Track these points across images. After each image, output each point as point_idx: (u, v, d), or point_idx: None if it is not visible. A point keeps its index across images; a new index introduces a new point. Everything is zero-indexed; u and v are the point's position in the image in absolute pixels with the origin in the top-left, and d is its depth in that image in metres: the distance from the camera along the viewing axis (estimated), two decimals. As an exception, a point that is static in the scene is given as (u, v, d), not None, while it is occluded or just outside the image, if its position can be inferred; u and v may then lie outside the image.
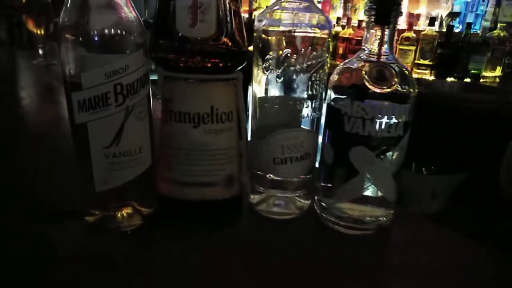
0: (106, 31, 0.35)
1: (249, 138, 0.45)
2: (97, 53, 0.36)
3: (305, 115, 0.43)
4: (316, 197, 0.46)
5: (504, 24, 1.96)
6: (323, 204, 0.45)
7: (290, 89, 0.42)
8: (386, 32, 0.39)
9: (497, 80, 1.98)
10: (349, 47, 2.26)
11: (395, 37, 0.40)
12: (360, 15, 2.36)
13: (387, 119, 0.38)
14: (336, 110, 0.40)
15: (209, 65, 0.39)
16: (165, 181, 0.43)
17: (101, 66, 0.35)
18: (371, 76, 0.38)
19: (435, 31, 2.03)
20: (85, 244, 0.40)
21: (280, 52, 0.40)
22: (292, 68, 0.40)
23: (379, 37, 0.39)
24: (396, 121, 0.38)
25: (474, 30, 2.07)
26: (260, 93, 0.43)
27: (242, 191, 0.46)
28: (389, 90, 0.38)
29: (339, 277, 0.37)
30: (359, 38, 2.21)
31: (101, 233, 0.41)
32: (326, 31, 0.41)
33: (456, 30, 2.06)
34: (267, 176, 0.45)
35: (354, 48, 2.20)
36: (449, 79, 1.95)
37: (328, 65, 0.43)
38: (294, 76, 0.41)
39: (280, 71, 0.41)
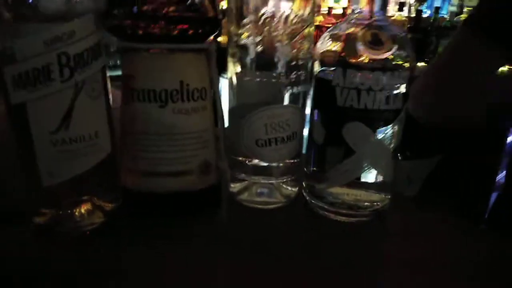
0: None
1: (226, 119, 0.39)
2: (35, 17, 0.29)
3: (290, 90, 0.37)
4: (304, 183, 0.41)
5: (471, 8, 1.98)
6: (313, 189, 0.40)
7: (271, 60, 0.35)
8: (379, -11, 0.34)
9: (465, 63, 1.99)
10: (320, 35, 2.22)
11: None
12: (330, 2, 2.33)
13: (385, 89, 0.33)
14: (326, 82, 0.35)
15: (175, 32, 0.33)
16: (130, 172, 0.37)
17: (39, 32, 0.28)
18: (365, 40, 0.33)
19: (404, 16, 2.03)
20: (34, 251, 0.33)
21: (259, 14, 0.34)
22: (274, 33, 0.34)
23: (370, -5, 0.34)
24: (395, 91, 0.34)
25: (442, 14, 2.08)
26: (237, 66, 0.37)
27: (220, 179, 0.40)
28: (386, 55, 0.33)
29: (332, 271, 0.32)
30: (330, 25, 2.18)
31: (55, 236, 0.34)
32: None
33: (425, 15, 2.06)
34: (249, 161, 0.39)
35: (325, 35, 2.16)
36: (419, 64, 1.95)
37: (313, 31, 0.37)
38: (277, 44, 0.35)
39: (260, 37, 0.34)
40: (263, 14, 0.34)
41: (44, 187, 0.32)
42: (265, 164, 0.39)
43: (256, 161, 0.39)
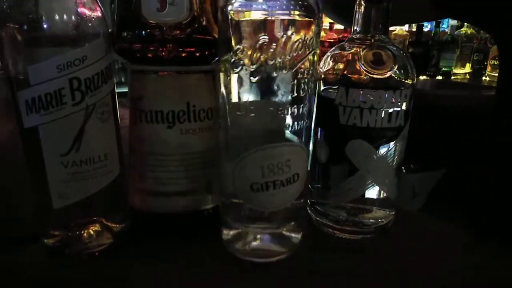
0: (57, 16, 0.30)
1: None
2: (47, 43, 0.30)
3: (291, 125, 0.32)
4: (309, 200, 0.42)
5: (471, 21, 2.01)
6: (317, 207, 0.40)
7: (269, 91, 0.31)
8: (378, 11, 0.35)
9: (467, 76, 2.01)
10: (322, 50, 2.24)
11: (389, 18, 0.36)
12: (331, 17, 2.36)
13: (387, 107, 0.34)
14: (329, 101, 0.36)
15: (183, 54, 0.34)
16: (138, 192, 0.38)
17: (52, 57, 0.29)
18: (367, 60, 0.34)
19: (406, 31, 2.05)
20: (45, 272, 0.34)
21: (254, 40, 0.30)
22: (271, 62, 0.30)
23: (370, 17, 0.35)
24: (397, 109, 0.34)
25: (443, 28, 2.10)
26: (230, 97, 0.32)
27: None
28: (387, 74, 0.34)
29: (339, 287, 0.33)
30: (331, 40, 2.21)
31: (64, 257, 0.34)
32: (312, 14, 0.32)
33: (426, 29, 2.08)
34: (243, 206, 0.34)
35: (327, 50, 2.17)
36: (421, 77, 1.96)
37: (317, 59, 0.33)
38: (274, 73, 0.30)
39: (254, 66, 0.30)
40: (258, 40, 0.29)
41: (54, 209, 0.32)
42: (272, 209, 0.34)
43: (251, 206, 0.34)
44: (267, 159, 0.31)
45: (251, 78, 0.30)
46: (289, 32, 0.30)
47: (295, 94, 0.32)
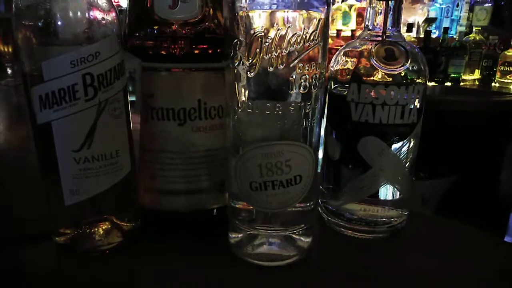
0: (71, 14, 0.30)
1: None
2: (61, 41, 0.30)
3: (293, 124, 0.31)
4: (320, 200, 0.41)
5: (479, 28, 2.00)
6: (329, 206, 0.40)
7: (268, 88, 0.30)
8: (391, 6, 0.35)
9: (477, 83, 2.00)
10: (329, 57, 2.24)
11: (401, 16, 0.36)
12: (338, 25, 2.37)
13: (400, 103, 0.34)
14: (341, 98, 0.35)
15: (195, 52, 0.34)
16: (148, 190, 0.38)
17: (66, 53, 0.29)
18: (379, 56, 0.34)
19: (413, 37, 2.04)
20: (55, 270, 0.33)
21: (250, 34, 0.28)
22: (266, 57, 0.28)
23: (383, 13, 0.35)
24: (410, 105, 0.34)
25: (451, 35, 2.10)
26: (231, 93, 0.32)
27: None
28: (400, 70, 0.34)
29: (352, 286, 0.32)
30: (338, 47, 2.21)
31: (74, 255, 0.34)
32: (315, 8, 0.29)
33: (433, 36, 2.08)
34: (249, 207, 0.33)
35: (334, 57, 2.18)
36: (430, 84, 1.95)
37: (321, 54, 0.30)
38: (271, 69, 0.29)
39: (249, 61, 0.29)
40: (254, 33, 0.28)
41: (65, 206, 0.32)
42: (271, 210, 0.33)
43: (251, 206, 0.33)
44: (266, 158, 0.30)
45: (248, 73, 0.29)
46: (286, 26, 0.28)
47: (295, 91, 0.30)
